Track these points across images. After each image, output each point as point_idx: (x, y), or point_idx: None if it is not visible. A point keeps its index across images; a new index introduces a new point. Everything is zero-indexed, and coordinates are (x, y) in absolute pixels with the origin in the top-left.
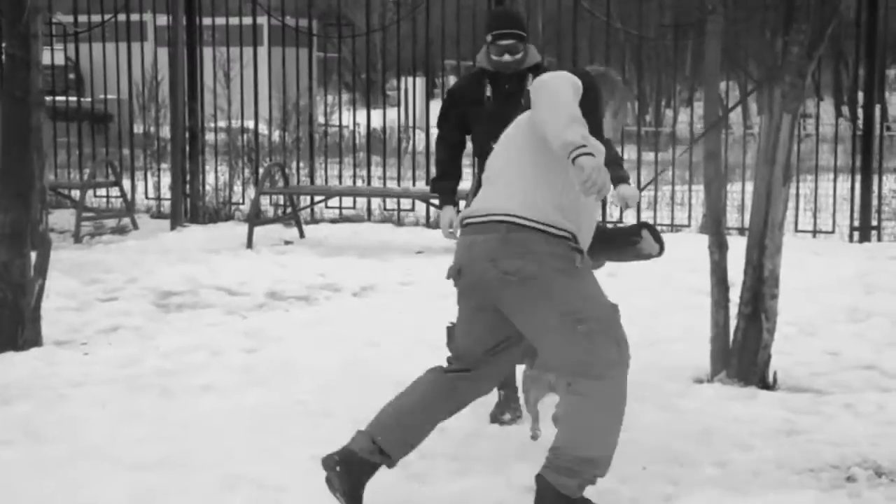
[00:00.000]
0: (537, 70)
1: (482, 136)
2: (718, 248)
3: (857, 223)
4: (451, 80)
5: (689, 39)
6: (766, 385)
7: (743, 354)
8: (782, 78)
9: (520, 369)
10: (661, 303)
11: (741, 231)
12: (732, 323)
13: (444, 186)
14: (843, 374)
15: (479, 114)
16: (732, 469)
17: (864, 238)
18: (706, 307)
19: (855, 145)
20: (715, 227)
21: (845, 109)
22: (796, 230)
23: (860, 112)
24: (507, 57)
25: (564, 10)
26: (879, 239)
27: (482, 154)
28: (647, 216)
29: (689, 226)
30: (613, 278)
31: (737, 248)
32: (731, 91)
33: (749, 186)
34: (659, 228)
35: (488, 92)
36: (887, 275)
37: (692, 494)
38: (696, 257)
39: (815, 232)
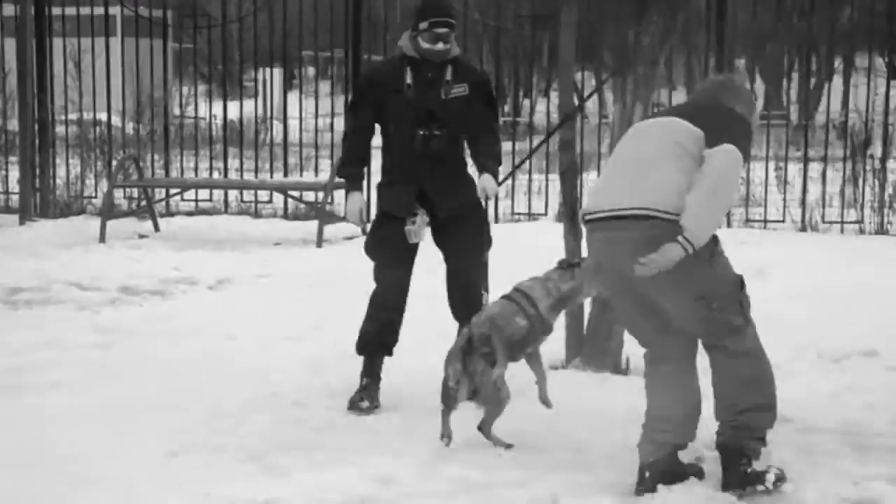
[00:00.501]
0: (456, 61)
1: (401, 124)
2: (573, 236)
3: None
4: (311, 70)
5: (545, 30)
6: (618, 370)
7: (596, 340)
8: (634, 68)
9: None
10: None
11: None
12: (586, 310)
13: (354, 172)
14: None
15: (398, 101)
16: (586, 453)
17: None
18: None
19: None
20: (570, 216)
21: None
22: None
23: None
24: (440, 45)
25: None
26: (728, 225)
27: (399, 141)
28: (504, 206)
29: (546, 214)
30: None
31: None
32: (588, 81)
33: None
34: (516, 217)
35: (409, 79)
36: (736, 259)
37: (546, 479)
38: (552, 245)
39: None
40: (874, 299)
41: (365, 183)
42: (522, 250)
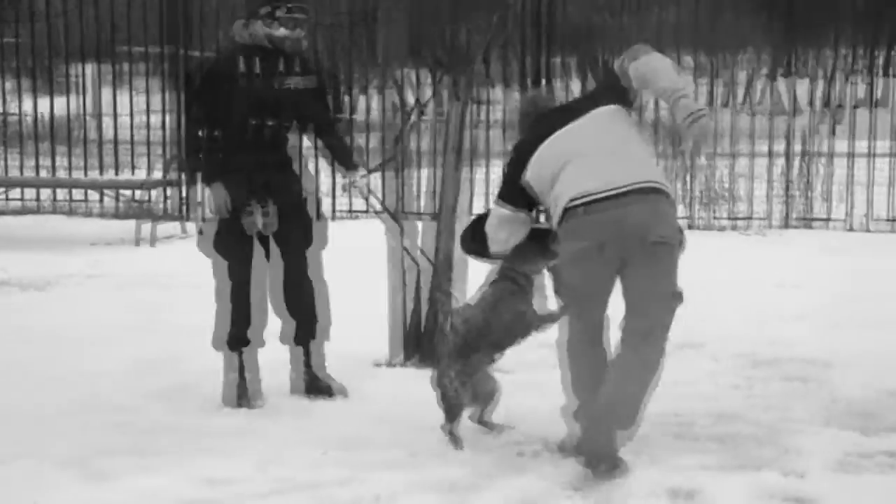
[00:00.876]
0: (301, 53)
1: (241, 114)
2: (395, 233)
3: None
4: (141, 67)
5: (366, 27)
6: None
7: (422, 337)
8: (462, 65)
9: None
10: (343, 288)
11: (421, 216)
12: (411, 307)
13: (212, 160)
14: (528, 353)
15: (234, 91)
16: (410, 450)
17: (547, 218)
18: (387, 292)
19: None
20: (393, 213)
21: (518, 96)
22: (472, 214)
23: None
24: (298, 31)
25: None
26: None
27: (239, 132)
28: (327, 203)
29: (368, 211)
30: None
31: (417, 234)
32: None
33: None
34: (340, 214)
35: (249, 69)
36: None
37: (372, 477)
38: (375, 243)
39: None
40: (699, 292)
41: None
42: (351, 249)
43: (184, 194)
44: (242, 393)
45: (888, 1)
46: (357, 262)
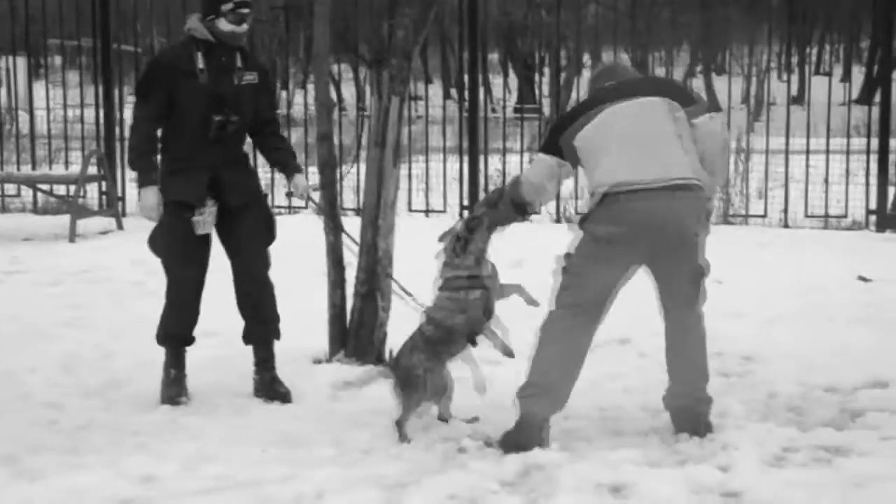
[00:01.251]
0: (243, 48)
1: (194, 109)
2: (334, 230)
3: (466, 202)
4: (57, 60)
5: (300, 21)
6: (382, 363)
7: (360, 333)
8: (389, 61)
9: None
10: (279, 285)
11: (358, 212)
12: (350, 303)
13: (149, 164)
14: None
15: (190, 86)
16: (348, 447)
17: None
18: (325, 288)
19: (462, 127)
20: (330, 209)
21: (454, 92)
22: (410, 210)
23: (467, 95)
24: (244, 26)
25: None
26: None
27: (191, 127)
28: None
29: (306, 207)
30: None
31: (353, 229)
32: (345, 73)
33: (364, 168)
34: (276, 211)
35: (201, 64)
36: (493, 251)
37: (311, 474)
38: (312, 239)
39: (427, 211)
40: (626, 288)
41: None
42: (289, 244)
43: (104, 189)
44: (183, 391)
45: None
46: (296, 257)
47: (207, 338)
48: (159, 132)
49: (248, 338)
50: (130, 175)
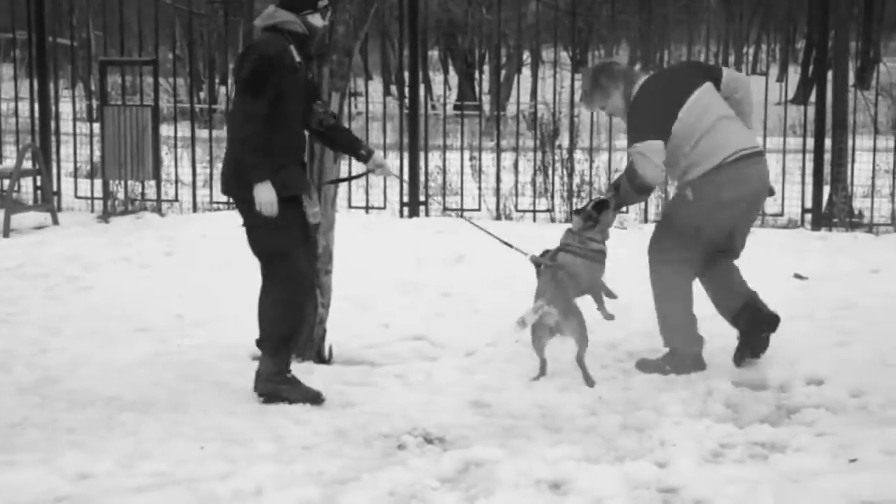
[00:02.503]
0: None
1: (298, 103)
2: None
3: (406, 199)
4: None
5: (240, 16)
6: (322, 359)
7: (300, 330)
8: (330, 57)
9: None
10: (218, 281)
11: None
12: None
13: (266, 161)
14: (395, 346)
15: (296, 81)
16: (287, 443)
17: (413, 213)
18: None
19: (403, 123)
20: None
21: (394, 88)
22: (350, 206)
23: (407, 91)
24: (327, 22)
25: None
26: (427, 214)
27: (294, 121)
28: (202, 194)
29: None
30: (170, 257)
31: None
32: None
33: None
34: (216, 206)
35: (297, 57)
36: (435, 248)
37: (250, 471)
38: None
39: (367, 208)
40: None
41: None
42: (223, 240)
43: (38, 184)
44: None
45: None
46: (236, 253)
47: (142, 333)
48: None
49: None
50: (66, 170)
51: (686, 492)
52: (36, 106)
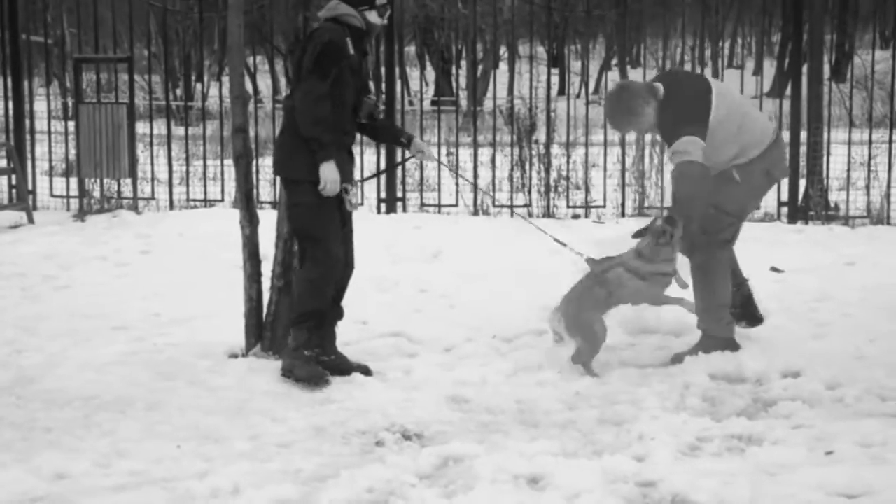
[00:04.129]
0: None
1: (349, 92)
2: (249, 223)
3: (384, 195)
4: None
5: (215, 13)
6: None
7: (276, 327)
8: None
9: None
10: (195, 279)
11: (274, 205)
12: (266, 296)
13: (334, 139)
14: (373, 342)
15: (350, 70)
16: (264, 441)
17: (391, 209)
18: (241, 282)
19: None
20: (245, 202)
21: (371, 84)
22: None
23: (384, 87)
24: (384, 20)
25: None
26: (405, 210)
27: (344, 109)
28: (179, 191)
29: (222, 200)
30: (146, 255)
31: (270, 222)
32: (260, 65)
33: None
34: (193, 204)
35: (352, 49)
36: (411, 244)
37: (226, 469)
38: (228, 232)
39: None
40: (541, 280)
41: None
42: (200, 238)
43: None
44: (325, 370)
45: None
46: (212, 250)
47: (119, 332)
48: None
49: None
50: (41, 168)
51: (664, 485)
52: (10, 104)
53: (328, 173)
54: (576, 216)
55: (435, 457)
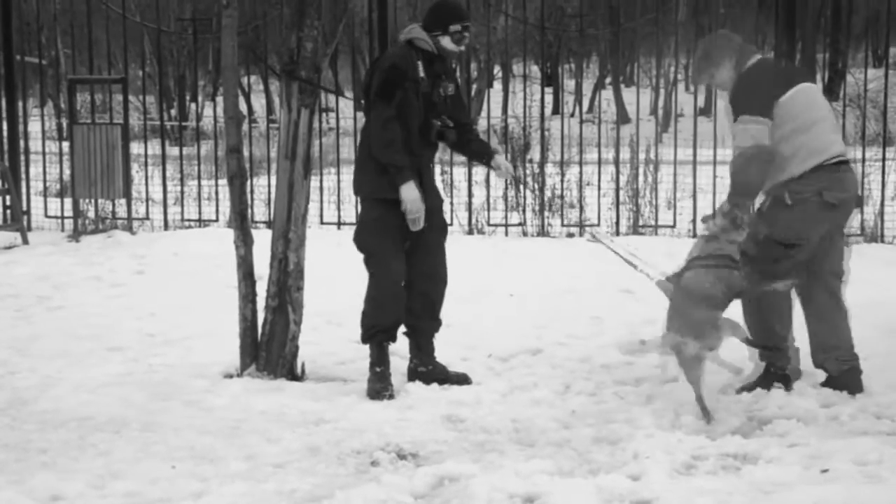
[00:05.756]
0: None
1: (416, 114)
2: (244, 243)
3: None
4: None
5: (209, 34)
6: (294, 376)
7: (271, 347)
8: (299, 72)
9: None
10: (190, 299)
11: (269, 224)
12: (261, 316)
13: (407, 161)
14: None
15: (415, 92)
16: (260, 461)
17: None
18: (236, 302)
19: None
20: (239, 222)
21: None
22: (322, 222)
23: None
24: (462, 47)
25: (78, 1)
26: None
27: (410, 131)
28: (174, 212)
29: (217, 221)
30: (141, 275)
31: (264, 242)
32: (255, 85)
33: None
34: (187, 224)
35: (422, 72)
36: None
37: (222, 490)
38: (223, 252)
39: (339, 224)
40: (537, 299)
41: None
42: (195, 258)
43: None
44: (390, 385)
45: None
46: (206, 270)
47: (113, 353)
48: (368, 133)
49: (414, 332)
50: (36, 189)
51: None
52: (4, 125)
53: (408, 194)
54: (570, 235)
55: (430, 476)
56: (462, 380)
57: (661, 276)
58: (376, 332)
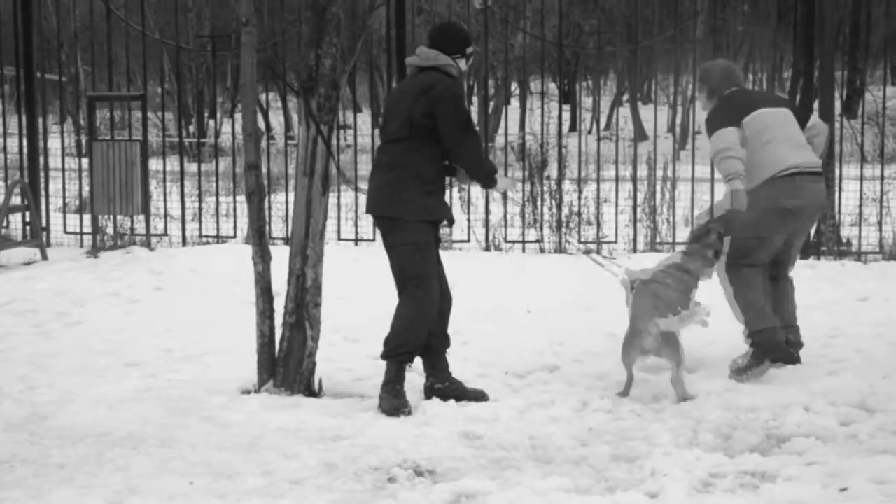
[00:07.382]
0: None
1: None
2: (262, 259)
3: None
4: None
5: (227, 51)
6: (311, 392)
7: (289, 363)
8: (317, 89)
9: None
10: (207, 315)
11: (287, 241)
12: (279, 332)
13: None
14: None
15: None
16: (277, 477)
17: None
18: (253, 318)
19: None
20: (258, 238)
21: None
22: (339, 239)
23: None
24: (467, 67)
25: (98, 18)
26: None
27: (444, 153)
28: (192, 228)
29: (235, 237)
30: (159, 291)
31: (282, 259)
32: (273, 102)
33: (293, 197)
34: (205, 240)
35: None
36: None
37: None
38: (241, 268)
39: (356, 240)
40: (554, 316)
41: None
42: (213, 274)
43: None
44: (407, 403)
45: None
46: (224, 287)
47: (131, 369)
48: (410, 156)
49: (428, 350)
50: (55, 205)
51: None
52: (24, 141)
53: (503, 182)
54: (587, 251)
55: (447, 493)
56: (479, 396)
57: (624, 273)
58: (402, 353)
